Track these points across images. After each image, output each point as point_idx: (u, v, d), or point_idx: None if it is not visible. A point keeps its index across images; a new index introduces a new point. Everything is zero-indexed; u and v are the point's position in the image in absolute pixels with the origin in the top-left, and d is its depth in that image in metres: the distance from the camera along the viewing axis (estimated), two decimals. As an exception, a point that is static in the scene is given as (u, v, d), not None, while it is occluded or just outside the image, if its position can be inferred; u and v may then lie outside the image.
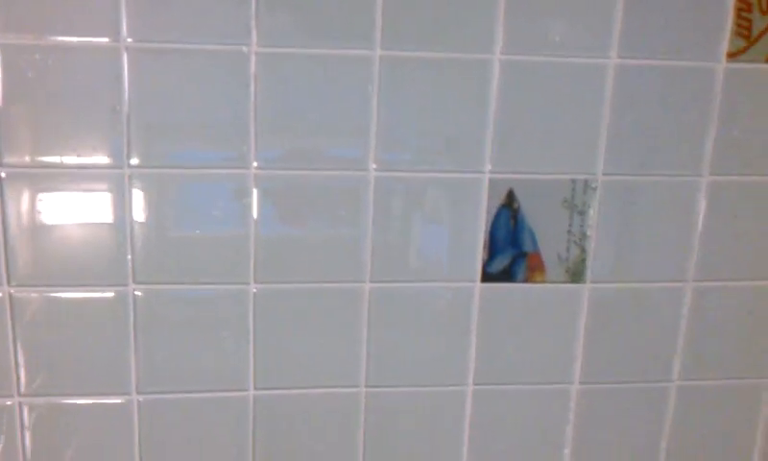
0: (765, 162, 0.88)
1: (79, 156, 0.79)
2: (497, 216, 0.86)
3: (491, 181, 0.85)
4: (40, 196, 0.80)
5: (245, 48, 0.79)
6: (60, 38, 0.77)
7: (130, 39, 0.78)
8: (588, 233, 0.88)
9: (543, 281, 0.88)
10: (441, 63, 0.82)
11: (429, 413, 0.90)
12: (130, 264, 0.82)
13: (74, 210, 0.81)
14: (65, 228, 0.81)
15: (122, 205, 0.81)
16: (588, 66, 0.84)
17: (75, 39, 0.77)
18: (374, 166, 0.83)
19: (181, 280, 0.83)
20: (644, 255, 0.89)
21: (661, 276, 0.90)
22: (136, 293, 0.83)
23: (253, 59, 0.79)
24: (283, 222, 0.84)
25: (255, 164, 0.82)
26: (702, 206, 0.89)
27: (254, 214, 0.83)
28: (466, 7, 0.81)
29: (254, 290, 0.85)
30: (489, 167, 0.85)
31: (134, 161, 0.80)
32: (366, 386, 0.89)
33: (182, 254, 0.83)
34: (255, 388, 0.87)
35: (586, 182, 0.87)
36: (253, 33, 0.79)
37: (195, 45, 0.78)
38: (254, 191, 0.82)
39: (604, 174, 0.86)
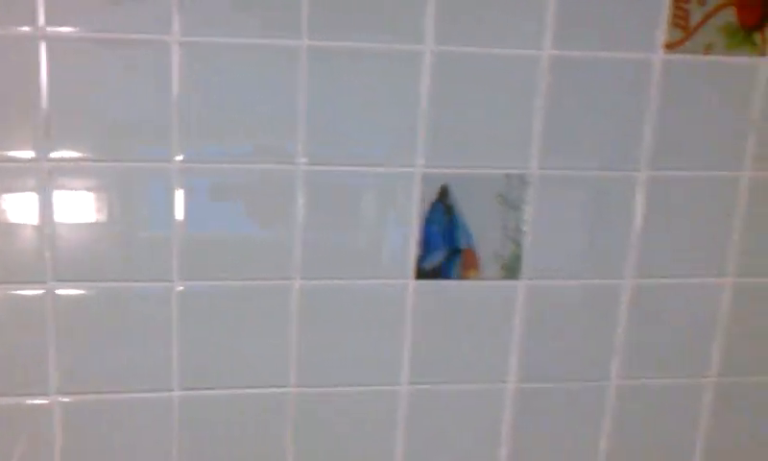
0: (704, 156, 0.86)
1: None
2: (431, 212, 0.84)
3: (423, 175, 0.83)
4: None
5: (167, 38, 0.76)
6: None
7: (49, 28, 0.75)
8: (524, 229, 0.86)
9: (478, 278, 0.86)
10: (371, 54, 0.79)
11: (362, 413, 0.88)
12: (49, 262, 0.79)
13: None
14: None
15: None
16: (521, 58, 0.82)
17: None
18: (304, 160, 0.81)
19: (106, 278, 0.81)
20: (581, 251, 0.87)
21: (599, 272, 0.88)
22: (58, 292, 0.80)
23: (177, 49, 0.76)
24: (210, 218, 0.81)
25: (180, 159, 0.79)
26: (640, 201, 0.87)
27: (180, 211, 0.80)
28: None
29: (180, 288, 0.82)
30: (421, 162, 0.83)
31: (55, 155, 0.77)
32: (295, 386, 0.86)
33: (101, 251, 0.80)
34: (180, 389, 0.84)
35: (520, 177, 0.84)
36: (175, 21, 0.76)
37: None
38: (179, 186, 0.79)
39: (539, 168, 0.84)
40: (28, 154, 0.77)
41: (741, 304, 0.91)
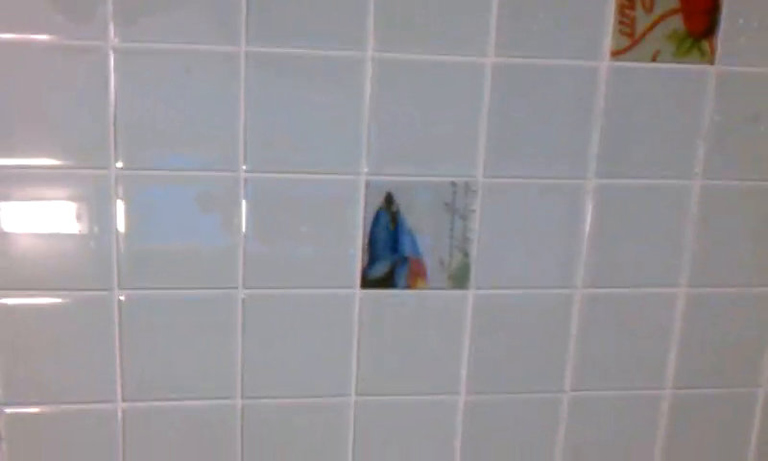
0: (653, 164, 0.86)
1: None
2: (376, 220, 0.83)
3: (368, 183, 0.82)
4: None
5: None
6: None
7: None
8: (471, 237, 0.85)
9: (426, 287, 0.85)
10: (313, 61, 0.79)
11: (309, 426, 0.87)
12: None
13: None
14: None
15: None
16: (465, 65, 0.81)
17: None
18: (245, 167, 0.80)
19: (44, 287, 0.80)
20: (530, 260, 0.86)
21: (549, 281, 0.87)
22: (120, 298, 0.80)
23: (113, 56, 0.76)
24: (147, 233, 0.80)
25: (120, 166, 0.78)
26: (588, 209, 0.86)
27: (121, 221, 0.79)
28: (340, 3, 0.78)
29: (122, 297, 0.81)
30: (365, 169, 0.82)
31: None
32: (242, 398, 0.85)
33: (39, 261, 0.79)
34: (124, 400, 0.83)
35: (466, 185, 0.84)
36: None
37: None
38: (119, 196, 0.79)
39: (485, 176, 0.84)
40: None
41: (695, 315, 0.90)
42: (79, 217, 0.79)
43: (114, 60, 0.76)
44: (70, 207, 0.79)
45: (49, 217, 0.79)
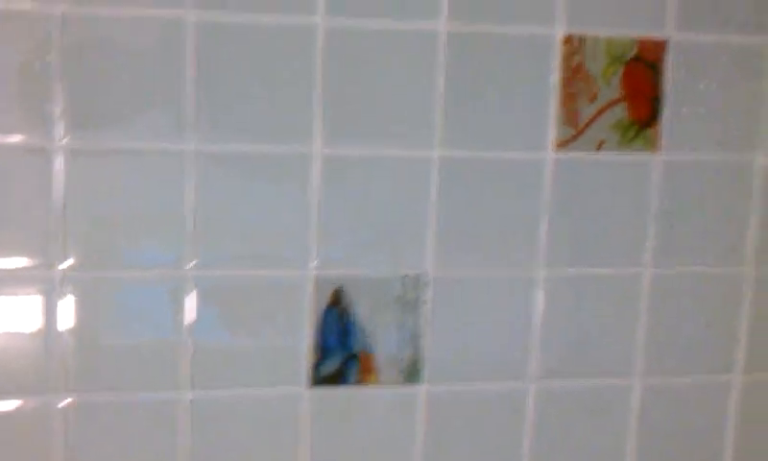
0: (601, 253, 0.86)
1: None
2: (326, 315, 0.82)
3: (316, 278, 0.81)
4: None
5: None
6: None
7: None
8: (422, 332, 0.84)
9: (377, 383, 0.84)
10: (261, 156, 0.79)
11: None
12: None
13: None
14: None
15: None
16: (412, 159, 0.81)
17: None
18: (191, 265, 0.79)
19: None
20: (482, 352, 0.85)
21: (503, 374, 0.86)
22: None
23: (61, 155, 0.75)
24: (103, 323, 0.79)
25: (67, 264, 0.77)
26: (540, 299, 0.85)
27: (63, 319, 0.77)
28: (286, 101, 0.78)
29: (68, 400, 0.79)
30: (314, 264, 0.81)
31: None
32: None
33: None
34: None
35: (416, 278, 0.83)
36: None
37: None
38: (63, 293, 0.77)
39: (435, 269, 0.83)
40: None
41: (651, 407, 0.89)
42: (25, 317, 0.77)
43: (64, 160, 0.75)
44: (17, 307, 0.77)
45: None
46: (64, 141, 0.75)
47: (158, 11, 0.75)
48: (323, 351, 0.82)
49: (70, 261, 0.76)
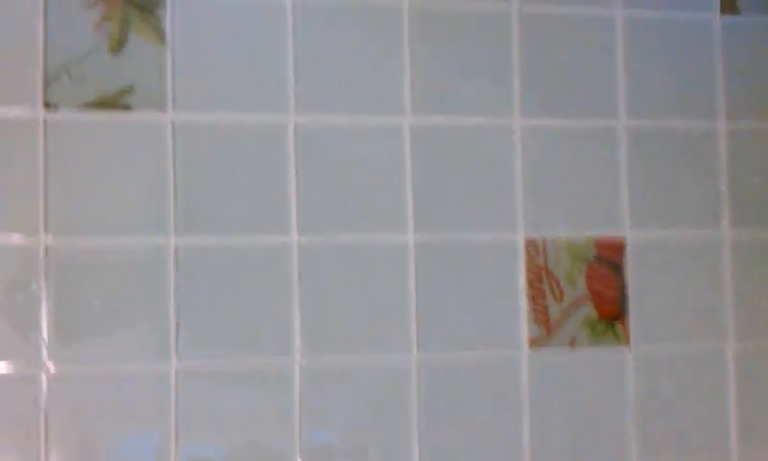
0: (581, 451, 0.86)
1: None
2: None
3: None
4: None
5: None
6: None
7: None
8: None
9: None
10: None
11: None
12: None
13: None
14: None
15: None
16: (389, 366, 0.83)
17: None
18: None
19: None
20: None
21: None
22: None
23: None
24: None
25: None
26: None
27: None
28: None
29: None
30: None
31: None
32: None
33: None
34: None
35: None
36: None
37: None
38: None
39: None
40: None
41: None
42: None
43: (47, 385, 0.76)
44: None
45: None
46: (50, 365, 0.76)
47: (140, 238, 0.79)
48: None
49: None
